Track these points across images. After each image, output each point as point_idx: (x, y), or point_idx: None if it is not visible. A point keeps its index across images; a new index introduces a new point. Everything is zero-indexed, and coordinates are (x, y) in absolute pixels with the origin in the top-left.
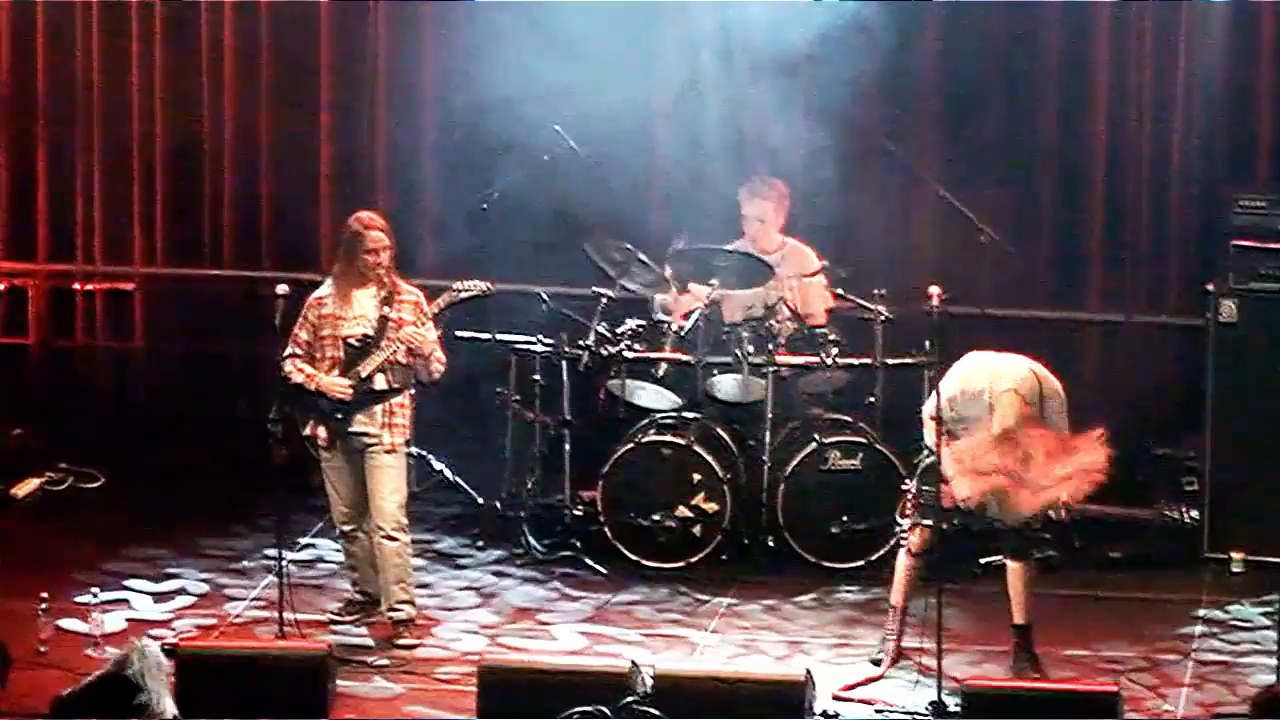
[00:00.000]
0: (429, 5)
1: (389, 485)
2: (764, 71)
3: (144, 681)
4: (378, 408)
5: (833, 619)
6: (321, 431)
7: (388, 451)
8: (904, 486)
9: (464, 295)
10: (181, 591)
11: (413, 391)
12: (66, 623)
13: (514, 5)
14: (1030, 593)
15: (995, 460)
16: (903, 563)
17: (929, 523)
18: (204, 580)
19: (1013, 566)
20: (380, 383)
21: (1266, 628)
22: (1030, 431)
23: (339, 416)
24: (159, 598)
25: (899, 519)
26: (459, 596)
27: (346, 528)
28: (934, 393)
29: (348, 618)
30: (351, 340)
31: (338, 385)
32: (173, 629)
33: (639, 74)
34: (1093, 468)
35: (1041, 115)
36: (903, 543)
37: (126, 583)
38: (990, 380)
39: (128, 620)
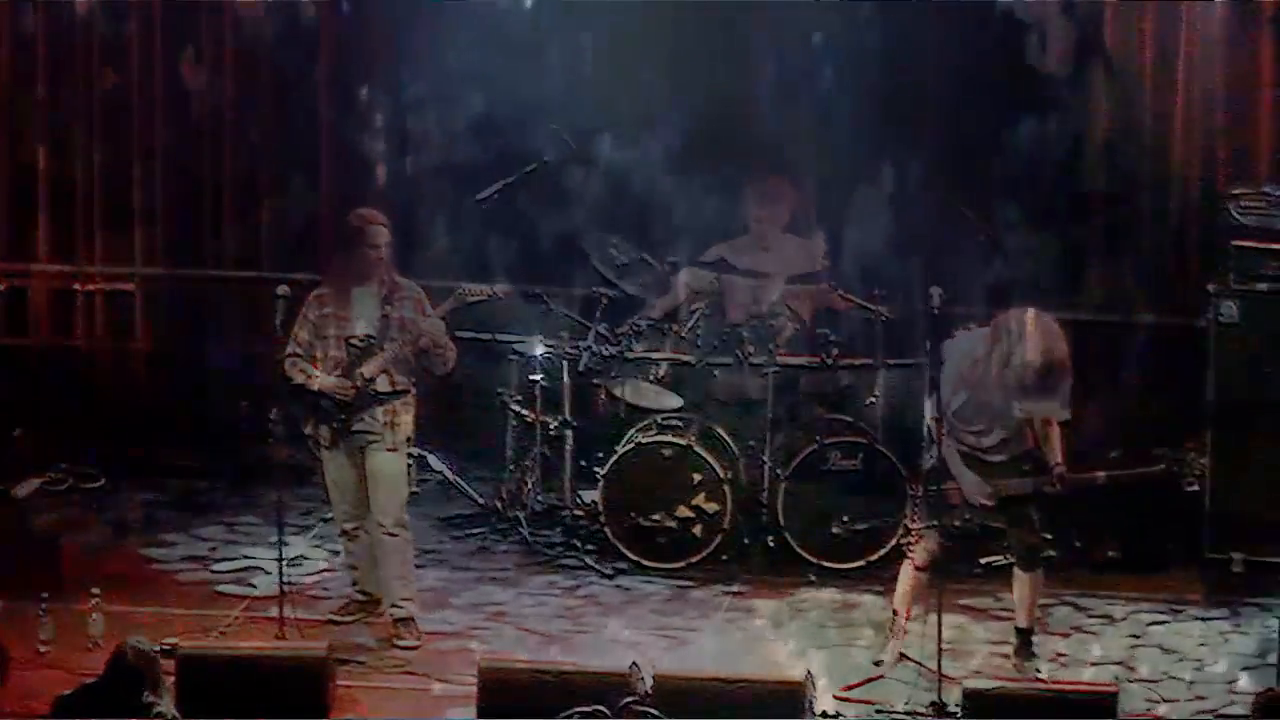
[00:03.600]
0: (430, 6)
1: (390, 483)
2: (765, 70)
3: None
4: (379, 407)
5: (833, 619)
6: (323, 431)
7: (389, 449)
8: (909, 491)
9: (470, 300)
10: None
11: (414, 390)
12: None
13: (515, 6)
14: (1035, 598)
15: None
16: (907, 574)
17: (936, 524)
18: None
19: (1018, 572)
20: (383, 384)
21: (1266, 628)
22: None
23: (342, 417)
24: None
25: (908, 525)
26: (459, 596)
27: (348, 526)
28: (933, 394)
29: (348, 618)
30: (354, 340)
31: (341, 387)
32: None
33: (640, 74)
34: None
35: (1041, 115)
36: (908, 551)
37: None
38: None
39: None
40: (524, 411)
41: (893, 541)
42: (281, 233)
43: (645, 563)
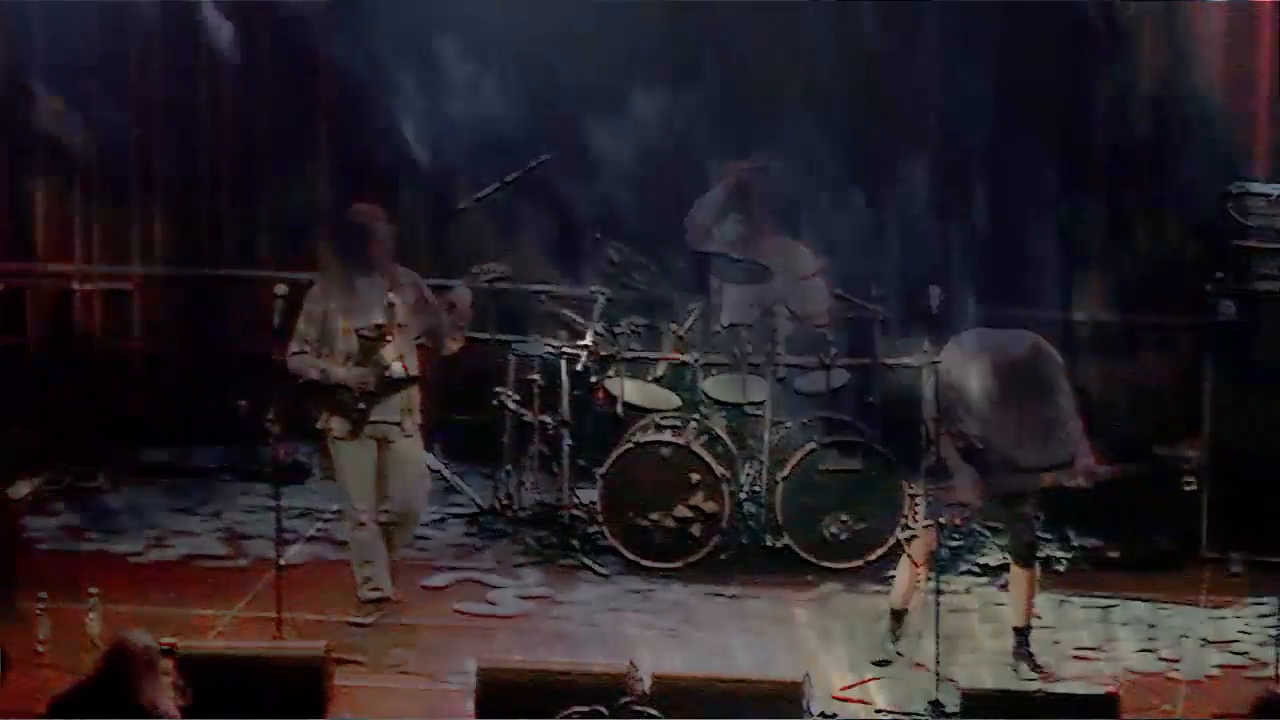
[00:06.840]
0: (430, 4)
1: (418, 468)
2: (761, 69)
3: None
4: (396, 394)
5: (831, 619)
6: (338, 423)
7: (408, 436)
8: (910, 491)
9: (485, 279)
10: None
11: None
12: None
13: (514, 5)
14: (1031, 595)
15: None
16: (905, 569)
17: (934, 521)
18: None
19: (1015, 570)
20: (398, 371)
21: (1266, 627)
22: None
23: (361, 407)
24: None
25: (908, 524)
26: (458, 597)
27: (363, 517)
28: (931, 390)
29: (367, 618)
30: (365, 331)
31: (359, 377)
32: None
33: (637, 73)
34: None
35: (1041, 115)
36: (906, 548)
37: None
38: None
39: None
40: (523, 411)
41: (891, 540)
42: (282, 233)
43: (643, 563)
